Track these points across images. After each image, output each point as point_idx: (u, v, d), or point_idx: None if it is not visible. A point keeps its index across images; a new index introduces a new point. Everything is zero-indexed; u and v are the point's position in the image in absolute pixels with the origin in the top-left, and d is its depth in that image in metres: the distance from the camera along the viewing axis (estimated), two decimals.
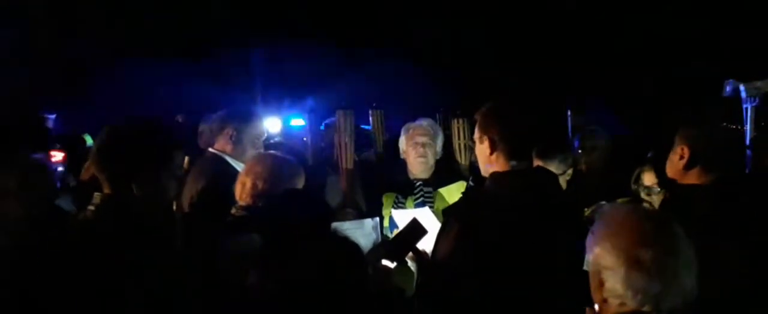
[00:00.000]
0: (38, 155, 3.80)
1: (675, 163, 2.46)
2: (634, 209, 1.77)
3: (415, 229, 2.39)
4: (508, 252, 1.97)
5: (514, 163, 2.08)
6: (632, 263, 1.48)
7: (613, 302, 1.54)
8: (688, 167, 2.42)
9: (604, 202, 2.84)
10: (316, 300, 1.44)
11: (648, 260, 1.48)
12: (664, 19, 9.08)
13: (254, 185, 2.59)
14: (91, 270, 1.79)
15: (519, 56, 10.13)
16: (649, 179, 3.09)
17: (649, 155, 3.66)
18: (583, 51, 9.71)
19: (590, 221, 1.78)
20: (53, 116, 7.21)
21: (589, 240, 1.60)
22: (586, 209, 2.86)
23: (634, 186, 3.17)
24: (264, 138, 3.56)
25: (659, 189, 3.02)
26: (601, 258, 1.54)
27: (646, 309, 1.51)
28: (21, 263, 1.90)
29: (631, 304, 1.51)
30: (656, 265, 1.48)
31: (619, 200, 2.93)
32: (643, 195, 3.11)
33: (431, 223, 2.55)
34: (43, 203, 2.39)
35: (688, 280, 1.51)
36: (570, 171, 3.54)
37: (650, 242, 1.50)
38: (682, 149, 2.42)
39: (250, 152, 3.22)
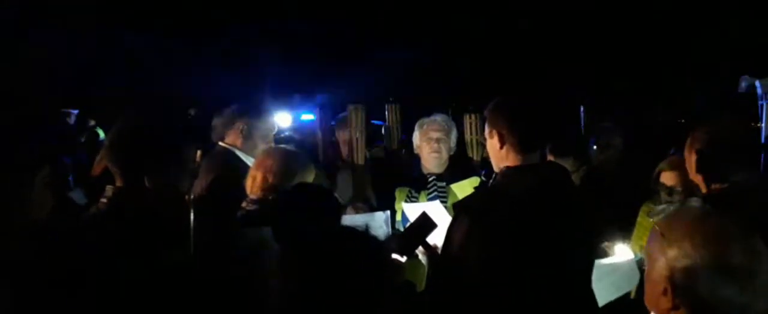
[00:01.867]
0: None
1: (690, 167, 2.29)
2: (709, 210, 1.57)
3: (425, 223, 2.38)
4: (518, 247, 1.95)
5: (524, 157, 2.06)
6: (720, 266, 1.32)
7: (688, 311, 1.36)
8: (699, 170, 2.24)
9: (664, 206, 2.69)
10: (339, 297, 1.42)
11: (737, 264, 1.32)
12: (677, 16, 9.01)
13: (265, 179, 2.59)
14: (102, 262, 1.80)
15: (534, 52, 10.08)
16: (669, 178, 2.92)
17: (671, 152, 3.56)
18: (598, 48, 9.66)
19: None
20: (76, 112, 7.28)
21: (659, 242, 1.41)
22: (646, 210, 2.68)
23: (653, 186, 3.01)
24: (274, 132, 3.56)
25: (681, 190, 2.83)
26: (677, 260, 1.35)
27: None
28: (44, 249, 1.91)
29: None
30: (745, 269, 1.32)
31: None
32: (663, 195, 2.93)
33: (442, 217, 2.54)
34: (64, 194, 2.44)
35: None
36: (584, 168, 3.51)
37: (736, 244, 1.34)
38: (692, 154, 2.25)
39: (261, 147, 3.22)
